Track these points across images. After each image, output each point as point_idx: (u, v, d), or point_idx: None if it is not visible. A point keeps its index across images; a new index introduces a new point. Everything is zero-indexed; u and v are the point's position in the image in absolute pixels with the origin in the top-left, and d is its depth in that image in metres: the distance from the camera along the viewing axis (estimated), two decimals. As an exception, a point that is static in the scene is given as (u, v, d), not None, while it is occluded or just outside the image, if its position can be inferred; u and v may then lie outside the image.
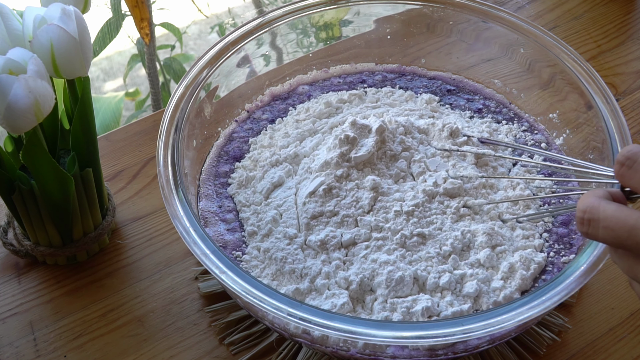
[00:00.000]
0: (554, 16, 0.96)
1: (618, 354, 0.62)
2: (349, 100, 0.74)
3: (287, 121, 0.73)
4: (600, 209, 0.42)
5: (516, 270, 0.58)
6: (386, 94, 0.76)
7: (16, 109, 0.52)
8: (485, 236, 0.60)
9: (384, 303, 0.56)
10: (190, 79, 0.66)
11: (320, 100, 0.75)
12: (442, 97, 0.76)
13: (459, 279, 0.57)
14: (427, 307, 0.55)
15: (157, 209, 0.74)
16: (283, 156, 0.68)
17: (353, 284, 0.57)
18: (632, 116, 0.83)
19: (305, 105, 0.74)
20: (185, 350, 0.63)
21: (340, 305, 0.55)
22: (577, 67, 0.67)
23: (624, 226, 0.41)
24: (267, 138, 0.71)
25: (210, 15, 1.75)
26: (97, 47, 1.24)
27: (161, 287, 0.67)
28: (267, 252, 0.60)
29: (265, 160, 0.68)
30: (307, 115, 0.73)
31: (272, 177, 0.66)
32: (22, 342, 0.63)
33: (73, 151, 0.62)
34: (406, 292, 0.56)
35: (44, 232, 0.65)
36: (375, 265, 0.58)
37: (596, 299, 0.66)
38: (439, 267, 0.58)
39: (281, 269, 0.59)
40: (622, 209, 0.41)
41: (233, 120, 0.73)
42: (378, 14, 0.79)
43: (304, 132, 0.70)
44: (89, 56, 0.58)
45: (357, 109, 0.73)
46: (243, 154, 0.70)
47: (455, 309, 0.55)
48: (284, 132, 0.71)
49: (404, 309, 0.55)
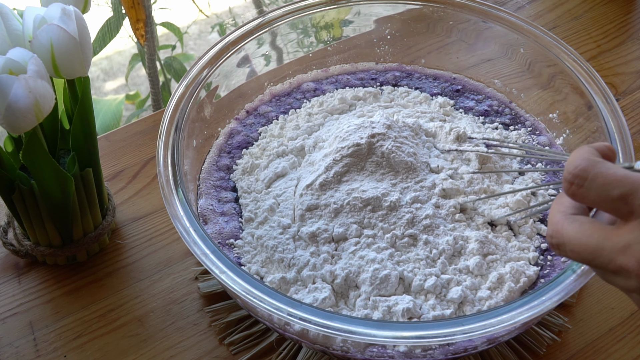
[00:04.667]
0: (554, 16, 0.96)
1: (618, 354, 0.62)
2: (363, 97, 0.75)
3: (300, 113, 0.73)
4: (563, 232, 0.41)
5: (505, 282, 0.58)
6: (401, 94, 0.76)
7: (16, 109, 0.52)
8: (478, 243, 0.59)
9: (367, 300, 0.56)
10: (191, 78, 0.66)
11: (335, 95, 0.75)
12: (453, 99, 0.76)
13: (445, 283, 0.57)
14: (409, 308, 0.55)
15: (157, 209, 0.74)
16: (290, 147, 0.68)
17: (338, 278, 0.57)
18: (632, 116, 0.83)
19: (320, 99, 0.75)
20: (185, 350, 0.63)
21: (322, 300, 0.56)
22: (577, 67, 0.67)
23: (586, 249, 0.40)
24: (277, 128, 0.72)
25: (210, 14, 1.75)
26: (97, 47, 1.24)
27: (161, 287, 0.67)
28: (260, 239, 0.61)
29: (272, 150, 0.69)
30: (321, 109, 0.73)
31: (276, 167, 0.67)
32: (22, 342, 0.63)
33: (73, 151, 0.62)
34: (390, 291, 0.56)
35: (44, 232, 0.65)
36: (362, 262, 0.58)
37: (596, 299, 0.66)
38: (426, 270, 0.58)
39: (271, 257, 0.59)
40: (585, 229, 0.40)
41: (233, 119, 0.73)
42: (378, 14, 0.79)
43: (314, 126, 0.71)
44: (89, 56, 0.58)
45: (369, 107, 0.73)
46: (249, 142, 0.71)
47: (436, 312, 0.55)
48: (295, 123, 0.72)
49: (384, 307, 0.55)
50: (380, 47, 0.80)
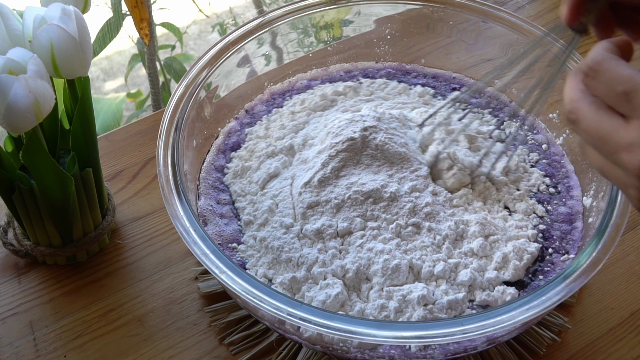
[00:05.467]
0: (554, 16, 0.96)
1: (618, 354, 0.62)
2: (344, 92, 0.75)
3: (283, 112, 0.73)
4: (580, 112, 0.42)
5: (510, 260, 0.59)
6: (380, 86, 0.76)
7: (16, 109, 0.52)
8: (478, 226, 0.60)
9: (380, 291, 0.57)
10: (191, 78, 0.66)
11: (316, 92, 0.75)
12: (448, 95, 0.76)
13: (453, 267, 0.58)
14: (423, 295, 0.55)
15: (157, 209, 0.74)
16: (279, 147, 0.68)
17: (349, 272, 0.57)
18: (632, 116, 0.83)
19: (301, 97, 0.75)
20: (185, 350, 0.63)
21: (334, 296, 0.56)
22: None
23: (597, 133, 0.41)
24: (262, 129, 0.72)
25: (210, 14, 1.75)
26: (97, 47, 1.24)
27: (161, 287, 0.67)
28: (264, 241, 0.61)
29: (261, 151, 0.69)
30: (303, 107, 0.73)
31: (268, 168, 0.67)
32: (22, 342, 0.63)
33: (73, 151, 0.62)
34: (402, 280, 0.57)
35: (44, 232, 0.65)
36: (371, 254, 0.58)
37: (596, 299, 0.66)
38: (433, 256, 0.59)
39: (277, 258, 0.59)
40: (600, 114, 0.41)
41: (233, 119, 0.73)
42: (378, 14, 0.79)
43: (299, 125, 0.71)
44: (89, 56, 0.58)
45: (351, 102, 0.74)
46: (240, 144, 0.71)
47: (450, 297, 0.56)
48: (280, 123, 0.72)
49: (399, 297, 0.56)
50: (380, 47, 0.80)
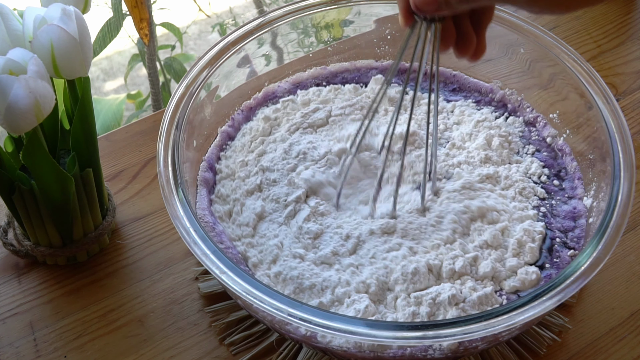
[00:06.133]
0: (554, 16, 0.96)
1: (618, 354, 0.62)
2: (283, 107, 0.74)
3: (236, 146, 0.71)
4: None
5: (524, 244, 0.60)
6: (314, 94, 0.75)
7: (16, 109, 0.52)
8: (479, 210, 0.62)
9: (407, 298, 0.56)
10: (191, 79, 0.66)
11: (258, 116, 0.74)
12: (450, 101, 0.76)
13: (472, 261, 0.58)
14: (453, 294, 0.56)
15: (157, 209, 0.74)
16: (252, 186, 0.66)
17: (372, 287, 0.57)
18: (632, 116, 0.83)
19: (249, 125, 0.73)
20: (185, 351, 0.63)
21: (364, 310, 0.55)
22: (577, 67, 0.67)
23: None
24: (225, 168, 0.69)
25: (211, 14, 1.75)
26: (97, 47, 1.24)
27: (161, 288, 0.67)
28: (279, 275, 0.59)
29: (236, 193, 0.66)
30: (253, 137, 0.71)
31: (253, 208, 0.64)
32: (22, 342, 0.63)
33: (73, 151, 0.62)
34: (424, 283, 0.57)
35: (44, 232, 0.65)
36: (386, 262, 0.58)
37: (596, 299, 0.66)
38: (450, 254, 0.59)
39: (300, 286, 0.58)
40: None
41: (231, 118, 0.73)
42: (378, 14, 0.79)
43: (257, 157, 0.69)
44: (89, 56, 0.58)
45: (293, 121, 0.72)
46: (230, 141, 0.71)
47: (479, 293, 0.56)
48: (241, 160, 0.69)
49: (429, 300, 0.56)
50: (380, 47, 0.80)
